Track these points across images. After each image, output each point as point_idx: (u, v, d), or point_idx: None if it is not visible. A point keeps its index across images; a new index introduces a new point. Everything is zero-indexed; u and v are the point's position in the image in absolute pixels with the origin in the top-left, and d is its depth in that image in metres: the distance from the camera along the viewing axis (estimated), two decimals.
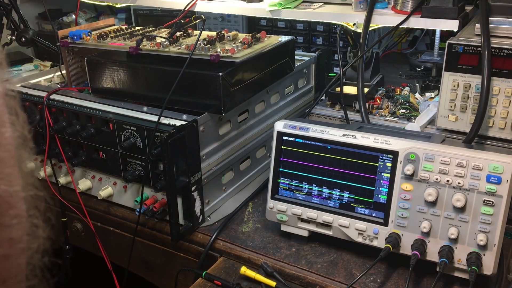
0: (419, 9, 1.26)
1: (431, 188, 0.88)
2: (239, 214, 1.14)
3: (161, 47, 1.12)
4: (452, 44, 1.13)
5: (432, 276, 0.91)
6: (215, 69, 1.03)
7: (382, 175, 0.92)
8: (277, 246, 1.03)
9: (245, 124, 1.20)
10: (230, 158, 1.17)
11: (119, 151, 1.12)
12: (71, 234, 1.29)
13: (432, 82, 1.53)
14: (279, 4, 1.40)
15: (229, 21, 1.92)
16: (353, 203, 0.95)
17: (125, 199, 1.18)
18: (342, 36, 1.63)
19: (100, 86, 1.18)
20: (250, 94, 1.15)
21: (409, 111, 1.36)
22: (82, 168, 1.23)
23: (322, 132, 0.96)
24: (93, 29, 1.31)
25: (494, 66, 1.09)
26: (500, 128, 1.14)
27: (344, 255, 1.00)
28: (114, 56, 1.18)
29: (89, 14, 2.27)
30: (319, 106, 1.43)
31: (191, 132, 1.02)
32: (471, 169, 0.85)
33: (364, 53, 1.34)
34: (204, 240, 1.07)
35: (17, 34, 1.69)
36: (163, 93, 1.07)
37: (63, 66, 1.30)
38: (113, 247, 1.22)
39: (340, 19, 1.37)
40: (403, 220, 0.91)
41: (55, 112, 1.19)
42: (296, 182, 1.00)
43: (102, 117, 1.12)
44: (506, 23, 1.12)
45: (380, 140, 0.92)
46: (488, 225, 0.84)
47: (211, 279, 0.98)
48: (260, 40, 1.18)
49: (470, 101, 1.16)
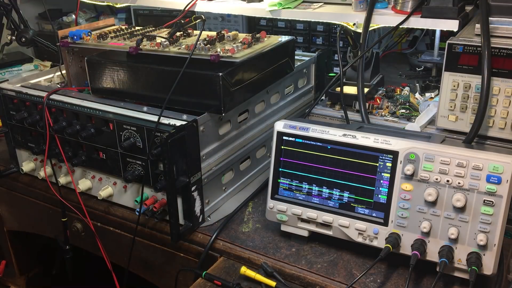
0: (419, 9, 1.26)
1: (431, 188, 0.88)
2: (239, 214, 1.14)
3: (161, 47, 1.12)
4: (452, 44, 1.13)
5: (432, 276, 0.91)
6: (215, 69, 1.03)
7: (382, 175, 0.92)
8: (277, 246, 1.03)
9: (245, 124, 1.20)
10: (230, 158, 1.17)
11: (119, 151, 1.12)
12: (71, 234, 1.29)
13: (432, 82, 1.53)
14: (279, 4, 1.40)
15: (229, 21, 1.92)
16: (353, 203, 0.95)
17: (125, 199, 1.18)
18: (342, 36, 1.63)
19: (100, 86, 1.18)
20: (250, 94, 1.15)
21: (409, 111, 1.36)
22: (82, 168, 1.23)
23: (322, 132, 0.96)
24: (93, 29, 1.31)
25: (494, 66, 1.09)
26: (500, 128, 1.14)
27: (344, 255, 1.00)
28: (114, 56, 1.18)
29: (89, 14, 2.28)
30: (319, 106, 1.43)
31: (191, 132, 1.02)
32: (471, 169, 0.85)
33: (364, 53, 1.34)
34: (204, 240, 1.07)
35: (17, 34, 1.69)
36: (163, 93, 1.07)
37: (63, 66, 1.30)
38: (113, 247, 1.22)
39: (340, 19, 1.37)
40: (403, 220, 0.91)
41: (55, 112, 1.19)
42: (296, 182, 1.00)
43: (102, 117, 1.12)
44: (506, 23, 1.12)
45: (380, 140, 0.92)
46: (488, 225, 0.84)
47: (211, 279, 0.98)
48: (260, 40, 1.18)
49: (470, 101, 1.16)
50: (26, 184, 1.35)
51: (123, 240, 1.20)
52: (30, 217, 1.42)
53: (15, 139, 1.32)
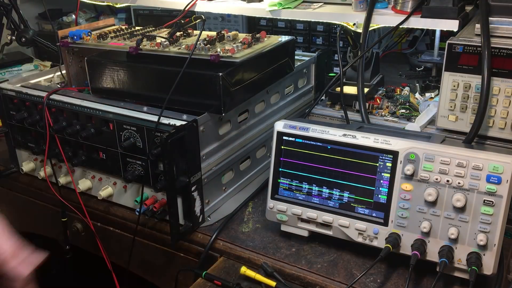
0: (419, 9, 1.26)
1: (431, 188, 0.88)
2: (239, 214, 1.14)
3: (161, 47, 1.12)
4: (452, 44, 1.13)
5: (432, 276, 0.91)
6: (215, 69, 1.03)
7: (382, 175, 0.92)
8: (277, 246, 1.03)
9: (245, 124, 1.20)
10: (230, 158, 1.17)
11: (119, 151, 1.12)
12: (71, 234, 1.29)
13: (432, 82, 1.53)
14: (279, 4, 1.40)
15: (229, 21, 1.92)
16: (353, 203, 0.95)
17: (125, 199, 1.18)
18: (342, 36, 1.63)
19: (100, 86, 1.18)
20: (250, 94, 1.15)
21: (409, 111, 1.36)
22: (82, 168, 1.23)
23: (322, 132, 0.96)
24: (93, 29, 1.31)
25: (494, 66, 1.09)
26: (500, 128, 1.14)
27: (344, 255, 1.00)
28: (114, 56, 1.18)
29: (89, 14, 2.28)
30: (319, 106, 1.43)
31: (191, 132, 1.02)
32: (471, 169, 0.85)
33: (364, 53, 1.34)
34: (204, 240, 1.07)
35: (17, 34, 1.69)
36: (163, 93, 1.07)
37: (63, 66, 1.30)
38: (113, 247, 1.22)
39: (340, 19, 1.37)
40: (403, 220, 0.91)
41: (55, 112, 1.19)
42: (296, 182, 1.00)
43: (102, 117, 1.12)
44: (506, 23, 1.12)
45: (380, 140, 0.92)
46: (488, 225, 0.84)
47: (211, 279, 0.98)
48: (260, 40, 1.18)
49: (470, 101, 1.16)
50: (26, 184, 1.35)
51: (123, 240, 1.20)
52: (30, 217, 1.42)
53: (15, 139, 1.32)
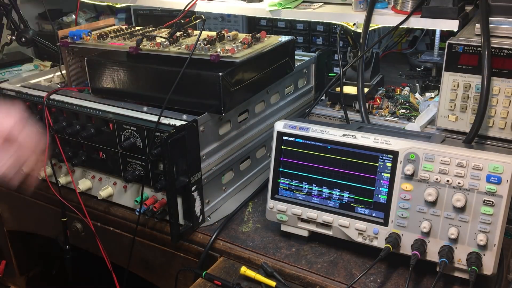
0: (419, 9, 1.26)
1: (431, 188, 0.88)
2: (239, 214, 1.14)
3: (161, 47, 1.12)
4: (452, 44, 1.13)
5: (432, 276, 0.91)
6: (215, 69, 1.03)
7: (382, 175, 0.92)
8: (277, 246, 1.03)
9: (245, 124, 1.20)
10: (230, 158, 1.17)
11: (119, 151, 1.12)
12: (71, 234, 1.29)
13: (432, 82, 1.53)
14: (279, 4, 1.40)
15: (229, 21, 1.92)
16: (353, 203, 0.95)
17: (125, 199, 1.18)
18: (342, 36, 1.63)
19: (100, 86, 1.18)
20: (250, 94, 1.15)
21: (409, 111, 1.36)
22: (82, 168, 1.23)
23: (322, 132, 0.96)
24: (93, 29, 1.31)
25: (494, 66, 1.09)
26: (500, 128, 1.14)
27: (344, 255, 1.00)
28: (114, 56, 1.18)
29: (89, 14, 2.28)
30: (319, 106, 1.43)
31: (191, 132, 1.02)
32: (471, 169, 0.85)
33: (364, 53, 1.34)
34: (204, 240, 1.07)
35: (17, 34, 1.69)
36: (163, 93, 1.07)
37: (63, 66, 1.30)
38: (113, 247, 1.22)
39: (340, 19, 1.37)
40: (403, 220, 0.91)
41: (55, 112, 1.19)
42: (296, 182, 1.00)
43: (102, 117, 1.12)
44: (506, 23, 1.12)
45: (380, 140, 0.92)
46: (488, 225, 0.84)
47: (211, 279, 0.98)
48: (260, 40, 1.18)
49: (470, 101, 1.16)
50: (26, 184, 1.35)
51: (123, 240, 1.20)
52: (30, 217, 1.42)
53: None
